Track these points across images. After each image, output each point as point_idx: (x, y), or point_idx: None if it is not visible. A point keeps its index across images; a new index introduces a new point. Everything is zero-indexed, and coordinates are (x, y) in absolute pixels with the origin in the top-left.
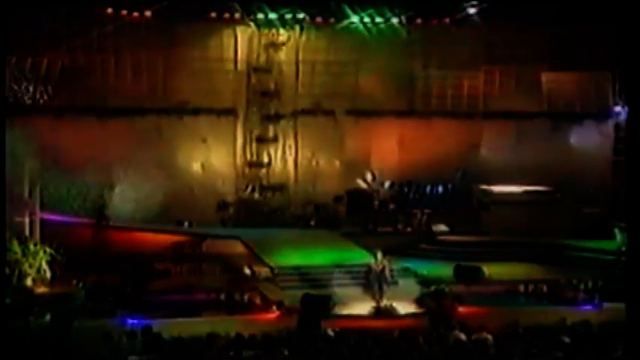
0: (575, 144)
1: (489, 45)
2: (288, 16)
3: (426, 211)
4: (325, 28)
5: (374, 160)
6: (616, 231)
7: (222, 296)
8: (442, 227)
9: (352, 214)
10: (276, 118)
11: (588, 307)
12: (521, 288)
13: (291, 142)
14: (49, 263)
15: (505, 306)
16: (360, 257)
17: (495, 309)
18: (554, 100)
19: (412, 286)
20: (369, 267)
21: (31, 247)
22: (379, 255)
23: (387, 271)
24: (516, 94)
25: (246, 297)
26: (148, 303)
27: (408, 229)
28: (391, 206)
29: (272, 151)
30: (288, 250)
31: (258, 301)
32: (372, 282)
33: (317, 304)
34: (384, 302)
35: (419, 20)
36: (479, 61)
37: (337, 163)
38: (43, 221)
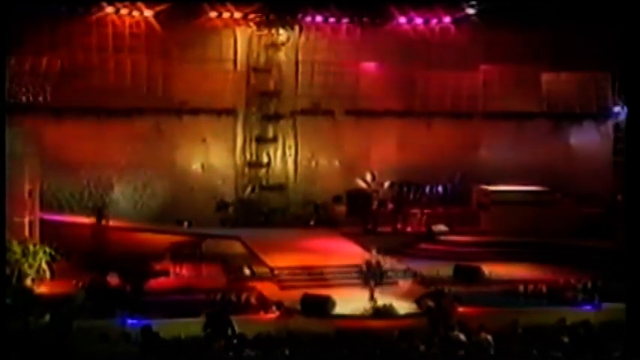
0: (575, 144)
1: (489, 45)
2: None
3: (426, 211)
4: (325, 28)
5: (374, 160)
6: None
7: (220, 296)
8: (442, 227)
9: (352, 214)
10: (276, 118)
11: (588, 307)
12: (521, 288)
13: (290, 142)
14: (48, 263)
15: (505, 306)
16: (359, 257)
17: (495, 309)
18: (554, 100)
19: (412, 286)
20: (364, 262)
21: (31, 247)
22: (374, 251)
23: (381, 267)
24: (516, 94)
25: (244, 297)
26: (147, 303)
27: (408, 229)
28: (390, 206)
29: (272, 151)
30: (288, 250)
31: (257, 301)
32: (366, 276)
33: (317, 304)
34: (378, 298)
35: (419, 20)
36: (479, 61)
37: (337, 163)
38: (43, 221)
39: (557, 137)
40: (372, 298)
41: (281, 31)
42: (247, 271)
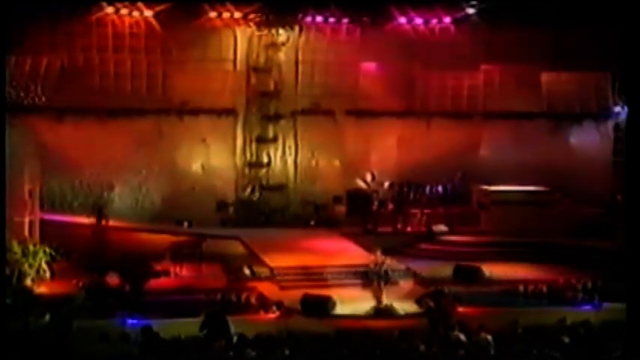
0: (575, 144)
1: (489, 45)
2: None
3: (426, 211)
4: (325, 28)
5: (374, 160)
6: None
7: (220, 296)
8: (442, 227)
9: (352, 214)
10: (276, 118)
11: (588, 307)
12: (521, 288)
13: (290, 142)
14: (48, 263)
15: (505, 306)
16: (360, 257)
17: (495, 309)
18: (554, 100)
19: (412, 286)
20: (368, 265)
21: (31, 247)
22: (378, 253)
23: (386, 269)
24: (516, 94)
25: (244, 297)
26: (147, 303)
27: (408, 229)
28: (391, 206)
29: (272, 152)
30: (288, 250)
31: (257, 301)
32: (371, 280)
33: (317, 304)
34: (384, 301)
35: (419, 20)
36: (479, 61)
37: (337, 163)
38: (43, 221)
39: (557, 137)
40: (379, 300)
41: (281, 31)
42: (247, 271)
